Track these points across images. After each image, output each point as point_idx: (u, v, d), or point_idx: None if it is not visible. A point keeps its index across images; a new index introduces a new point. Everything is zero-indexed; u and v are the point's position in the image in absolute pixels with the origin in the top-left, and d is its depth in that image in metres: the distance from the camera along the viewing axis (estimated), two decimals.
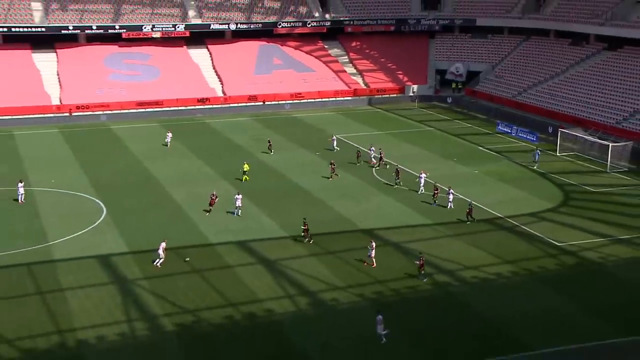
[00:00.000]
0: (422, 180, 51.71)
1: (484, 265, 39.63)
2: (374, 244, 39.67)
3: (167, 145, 64.88)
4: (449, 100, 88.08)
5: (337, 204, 49.29)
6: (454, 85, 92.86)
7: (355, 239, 43.27)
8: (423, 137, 70.46)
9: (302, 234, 42.31)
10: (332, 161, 57.06)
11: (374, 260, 39.23)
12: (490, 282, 37.80)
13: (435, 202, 49.22)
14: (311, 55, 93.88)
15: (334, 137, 65.34)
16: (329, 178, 54.94)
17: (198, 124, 75.29)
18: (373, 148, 60.77)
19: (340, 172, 56.89)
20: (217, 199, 47.27)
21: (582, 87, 77.71)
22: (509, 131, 71.52)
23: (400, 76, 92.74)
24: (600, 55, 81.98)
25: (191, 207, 48.42)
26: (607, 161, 59.19)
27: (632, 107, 70.47)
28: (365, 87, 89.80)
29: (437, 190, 49.84)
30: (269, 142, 64.12)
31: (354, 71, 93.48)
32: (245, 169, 55.02)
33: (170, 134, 66.60)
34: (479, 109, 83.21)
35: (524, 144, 67.89)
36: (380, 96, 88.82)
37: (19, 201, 49.02)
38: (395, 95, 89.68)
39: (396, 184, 53.33)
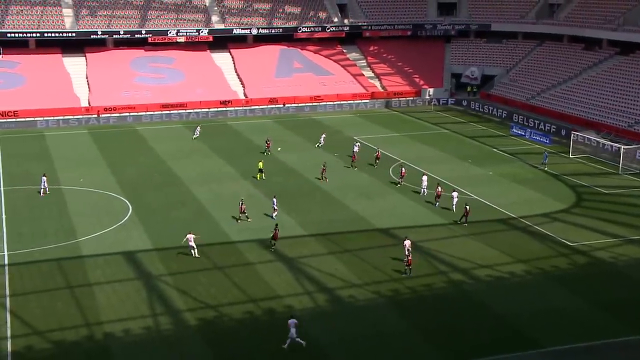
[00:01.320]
0: (425, 183, 51.33)
1: (498, 264, 39.45)
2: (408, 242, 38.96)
3: (195, 138, 67.61)
4: (464, 102, 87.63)
5: (354, 203, 49.28)
6: (469, 88, 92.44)
7: (371, 237, 43.26)
8: (439, 139, 70.23)
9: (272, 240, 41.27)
10: (324, 162, 56.82)
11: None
12: (504, 280, 37.62)
13: (437, 203, 48.74)
14: (330, 59, 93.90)
15: (324, 135, 66.29)
16: (319, 179, 54.46)
17: (220, 126, 75.61)
18: (358, 144, 61.35)
19: (357, 173, 56.89)
20: (244, 206, 45.67)
21: (595, 90, 77.09)
22: (523, 134, 71.10)
23: (417, 80, 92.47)
24: (612, 60, 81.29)
25: (214, 205, 48.63)
26: (619, 163, 58.68)
27: None
28: (382, 90, 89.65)
29: (440, 189, 49.23)
30: (267, 141, 63.21)
31: (372, 75, 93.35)
32: (260, 167, 54.90)
33: (199, 128, 69.00)
34: (493, 110, 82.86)
35: (537, 146, 67.45)
36: (397, 99, 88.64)
37: (40, 193, 50.08)
38: (411, 97, 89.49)
39: (399, 184, 53.31)
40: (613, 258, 40.46)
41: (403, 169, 54.77)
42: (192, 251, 39.94)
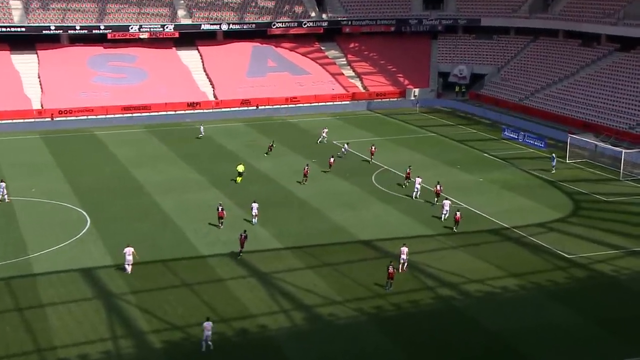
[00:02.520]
0: (418, 186, 52.47)
1: (490, 278, 39.69)
2: (405, 249, 40.17)
3: (201, 137, 70.76)
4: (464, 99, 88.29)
5: (335, 213, 49.36)
6: (457, 88, 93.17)
7: (353, 250, 43.31)
8: (425, 143, 70.61)
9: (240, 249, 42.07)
10: (307, 164, 57.67)
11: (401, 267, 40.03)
12: (496, 295, 37.85)
13: (435, 202, 50.68)
14: (307, 57, 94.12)
15: (326, 130, 69.40)
16: (300, 182, 55.56)
17: (187, 130, 75.42)
18: (346, 146, 63.22)
19: (338, 180, 57.04)
20: (224, 212, 46.43)
21: (593, 90, 78.03)
22: (516, 137, 71.75)
23: (401, 79, 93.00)
24: (612, 57, 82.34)
25: (180, 216, 48.42)
26: (619, 169, 59.38)
27: None
28: (363, 91, 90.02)
29: (439, 187, 51.56)
30: (271, 146, 65.45)
31: (352, 74, 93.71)
32: (240, 170, 56.01)
33: (202, 128, 72.31)
34: (483, 112, 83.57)
35: (531, 150, 68.08)
36: (379, 100, 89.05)
37: (4, 200, 50.36)
38: (395, 99, 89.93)
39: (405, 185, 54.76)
40: (614, 271, 40.89)
41: (409, 168, 56.31)
42: (127, 267, 39.44)
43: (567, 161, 63.39)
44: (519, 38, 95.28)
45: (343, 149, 63.75)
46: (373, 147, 63.53)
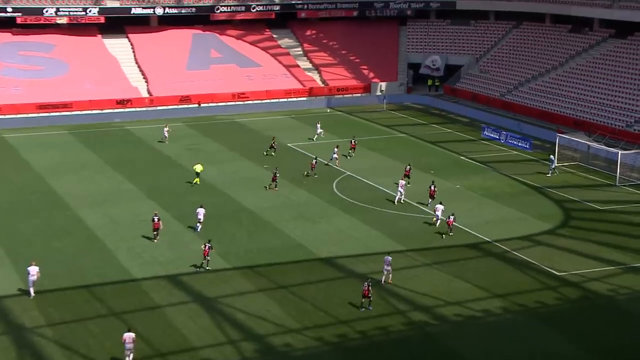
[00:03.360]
0: (402, 189, 53.91)
1: (469, 300, 39.89)
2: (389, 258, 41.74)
3: (164, 142, 69.45)
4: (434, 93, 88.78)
5: (290, 227, 49.26)
6: (430, 82, 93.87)
7: (312, 270, 43.23)
8: (393, 145, 70.94)
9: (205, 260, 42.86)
10: (276, 169, 57.98)
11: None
12: (476, 320, 38.05)
13: (428, 204, 53.15)
14: (257, 46, 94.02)
15: (319, 125, 71.84)
16: (266, 188, 56.37)
17: (117, 131, 74.57)
18: (336, 149, 63.64)
19: (293, 188, 56.99)
20: (160, 222, 47.02)
21: (585, 83, 79.19)
22: (497, 137, 72.48)
23: (365, 72, 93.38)
24: (606, 44, 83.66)
25: (109, 233, 47.85)
26: (615, 172, 60.28)
27: None
28: (322, 86, 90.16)
29: (433, 188, 53.73)
30: (273, 141, 67.04)
31: (310, 66, 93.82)
32: (198, 170, 57.73)
33: (167, 129, 70.34)
34: (460, 109, 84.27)
35: (515, 152, 68.82)
36: (341, 96, 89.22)
37: None
38: (359, 94, 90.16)
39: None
40: (611, 291, 41.39)
41: (408, 166, 58.87)
42: (30, 289, 39.21)
43: (556, 164, 64.12)
44: (499, 24, 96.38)
45: (334, 154, 63.56)
46: (353, 142, 66.60)
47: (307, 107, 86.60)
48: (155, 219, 46.61)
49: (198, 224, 48.26)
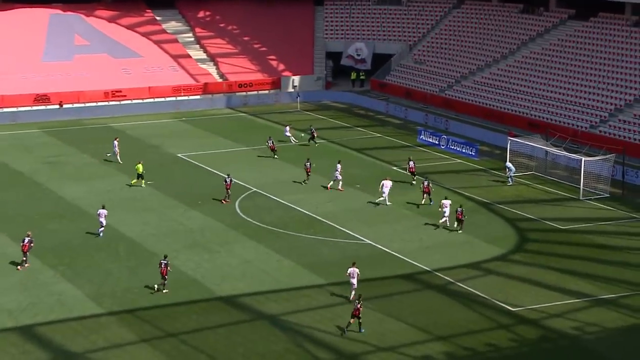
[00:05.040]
0: (386, 189, 56.50)
1: (405, 344, 39.94)
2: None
3: (111, 158, 67.36)
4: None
5: (182, 259, 48.76)
6: (353, 75, 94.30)
7: (210, 312, 42.77)
8: (310, 153, 70.92)
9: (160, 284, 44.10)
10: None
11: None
12: None
13: (431, 201, 57.69)
14: (135, 31, 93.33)
15: (288, 128, 74.46)
16: (221, 201, 58.38)
17: None
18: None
19: (186, 209, 56.53)
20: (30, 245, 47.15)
21: (541, 75, 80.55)
22: (436, 142, 73.14)
23: (274, 63, 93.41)
24: (565, 27, 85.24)
25: None
26: (579, 184, 61.29)
27: (614, 102, 73.53)
28: (220, 81, 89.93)
29: (427, 184, 57.73)
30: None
31: (204, 56, 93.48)
32: (139, 171, 60.54)
33: (117, 143, 67.69)
34: (390, 108, 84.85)
35: (458, 160, 69.47)
36: (244, 93, 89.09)
37: None
38: (266, 91, 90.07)
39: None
40: (576, 329, 41.87)
41: (411, 161, 63.08)
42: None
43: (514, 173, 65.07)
44: (437, 3, 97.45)
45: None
46: (313, 129, 72.40)
47: (201, 108, 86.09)
48: (26, 240, 47.07)
49: (101, 229, 50.60)
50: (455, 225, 53.60)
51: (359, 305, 40.12)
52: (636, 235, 53.95)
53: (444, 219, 53.85)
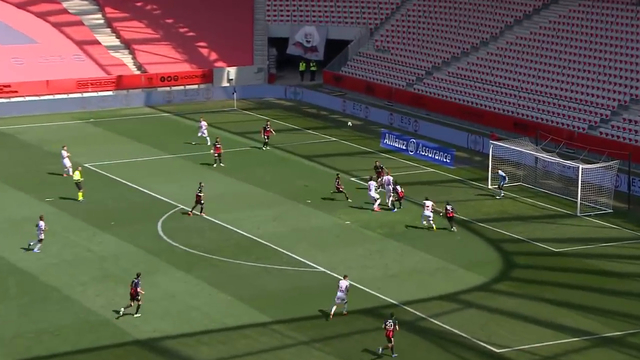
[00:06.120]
0: (373, 193, 59.54)
1: None
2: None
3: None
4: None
5: (89, 295, 48.36)
6: (302, 66, 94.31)
7: (124, 359, 42.47)
8: (249, 162, 70.83)
9: None
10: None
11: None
12: None
13: (400, 205, 59.57)
14: (29, 11, 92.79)
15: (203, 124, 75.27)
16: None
17: None
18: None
19: (96, 232, 56.28)
20: None
21: (529, 65, 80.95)
22: (403, 147, 73.29)
23: (205, 52, 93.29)
24: (557, 7, 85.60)
25: None
26: (576, 197, 61.59)
27: (618, 97, 73.88)
28: (138, 73, 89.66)
29: (399, 188, 58.80)
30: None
31: (117, 42, 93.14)
32: (77, 179, 61.40)
33: (67, 154, 66.94)
34: (347, 106, 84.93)
35: (430, 169, 69.59)
36: (167, 88, 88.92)
37: None
38: (195, 85, 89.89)
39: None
40: None
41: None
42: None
43: (490, 187, 65.28)
44: None
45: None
46: (268, 125, 71.49)
47: (114, 106, 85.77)
48: None
49: (38, 243, 51.35)
50: (452, 228, 56.39)
51: (392, 327, 41.03)
52: None
53: (429, 223, 56.65)
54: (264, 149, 72.81)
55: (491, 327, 45.74)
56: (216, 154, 68.81)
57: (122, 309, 45.13)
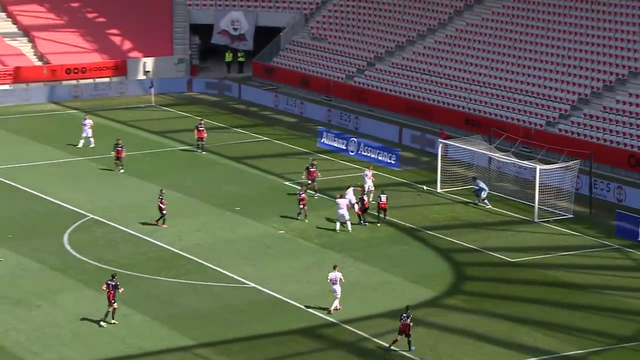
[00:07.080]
0: (351, 196, 60.10)
1: None
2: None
3: None
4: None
5: None
6: (229, 56, 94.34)
7: None
8: (169, 165, 70.71)
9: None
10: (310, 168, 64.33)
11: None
12: None
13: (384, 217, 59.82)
14: None
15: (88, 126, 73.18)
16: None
17: None
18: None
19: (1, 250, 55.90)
20: None
21: (480, 55, 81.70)
22: (343, 148, 73.53)
23: (117, 40, 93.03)
24: None
25: None
26: (533, 201, 62.15)
27: (578, 91, 74.78)
28: (39, 64, 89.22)
29: (366, 199, 59.15)
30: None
31: (13, 29, 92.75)
32: None
33: None
34: (280, 102, 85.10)
35: (374, 171, 69.96)
36: (73, 82, 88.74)
37: None
38: (107, 79, 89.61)
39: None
40: None
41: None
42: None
43: (439, 190, 65.66)
44: None
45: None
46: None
47: (11, 102, 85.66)
48: None
49: None
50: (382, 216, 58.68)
51: (408, 321, 42.10)
52: (609, 270, 55.03)
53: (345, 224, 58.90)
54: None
55: (441, 347, 46.00)
56: (117, 158, 68.25)
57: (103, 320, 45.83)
